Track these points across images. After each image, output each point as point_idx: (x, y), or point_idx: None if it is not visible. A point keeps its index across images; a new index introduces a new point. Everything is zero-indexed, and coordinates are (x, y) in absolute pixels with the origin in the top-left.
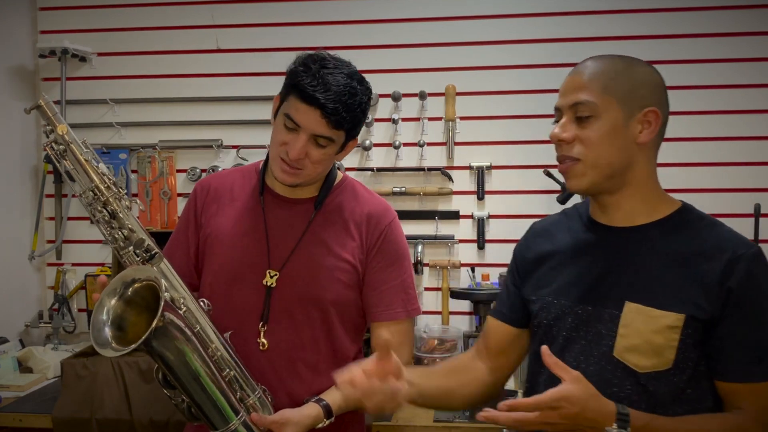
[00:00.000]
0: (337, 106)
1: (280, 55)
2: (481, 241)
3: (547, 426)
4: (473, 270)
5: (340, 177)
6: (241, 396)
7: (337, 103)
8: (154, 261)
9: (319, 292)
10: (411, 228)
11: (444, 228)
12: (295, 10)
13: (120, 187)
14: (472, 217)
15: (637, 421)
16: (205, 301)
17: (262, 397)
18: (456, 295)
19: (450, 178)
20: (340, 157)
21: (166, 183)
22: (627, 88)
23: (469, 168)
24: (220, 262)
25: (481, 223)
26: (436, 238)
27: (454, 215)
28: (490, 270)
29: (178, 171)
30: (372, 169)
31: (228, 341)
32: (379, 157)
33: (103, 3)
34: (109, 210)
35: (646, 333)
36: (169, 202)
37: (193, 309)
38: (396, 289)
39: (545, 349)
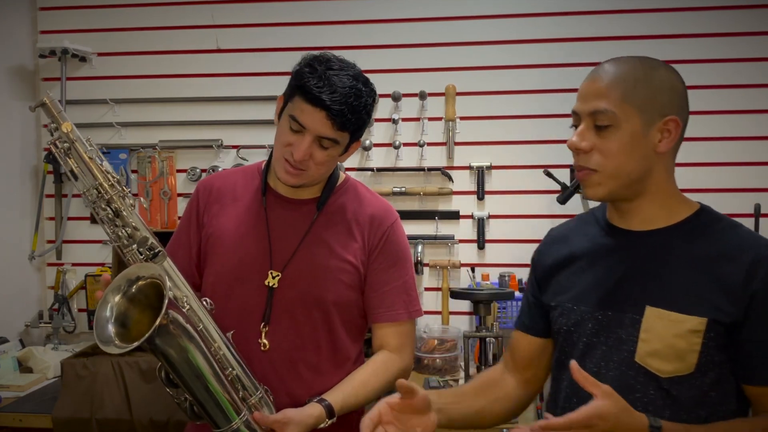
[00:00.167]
0: (343, 108)
1: (280, 55)
2: (481, 241)
3: None
4: (473, 270)
5: (343, 178)
6: (244, 395)
7: (342, 104)
8: (158, 259)
9: (321, 292)
10: (411, 228)
11: (444, 228)
12: (295, 10)
13: (124, 186)
14: (472, 217)
15: None
16: (207, 300)
17: (264, 396)
18: (456, 295)
19: (450, 178)
20: (344, 159)
21: (166, 183)
22: (647, 96)
23: (469, 168)
24: (222, 262)
25: (481, 223)
26: (436, 238)
27: (454, 215)
28: (490, 270)
29: (178, 171)
30: (372, 169)
31: (230, 340)
32: (379, 157)
33: (103, 3)
34: (113, 208)
35: (668, 337)
36: (169, 202)
37: (195, 308)
38: (398, 290)
39: (574, 364)
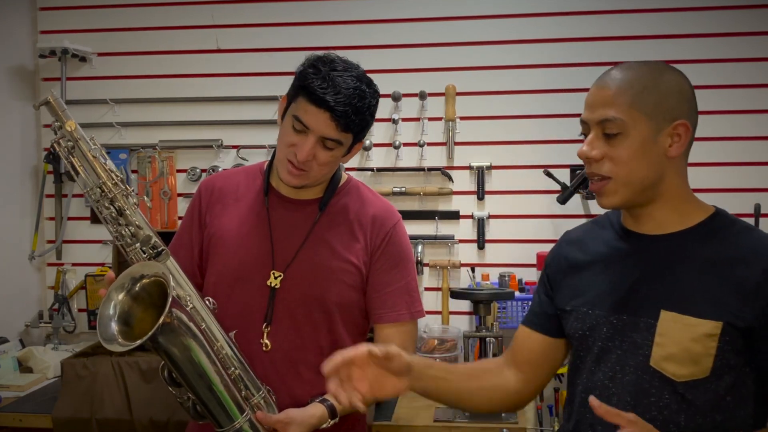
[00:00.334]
0: (347, 109)
1: (280, 55)
2: (481, 241)
3: None
4: (473, 270)
5: (345, 178)
6: (246, 395)
7: (346, 105)
8: (161, 258)
9: (323, 293)
10: (411, 228)
11: (444, 228)
12: (295, 10)
13: (127, 184)
14: (472, 217)
15: None
16: (210, 300)
17: (267, 396)
18: (456, 295)
19: (450, 178)
20: (346, 160)
21: (166, 183)
22: (655, 101)
23: (469, 168)
24: (224, 263)
25: (481, 223)
26: (436, 238)
27: (454, 215)
28: (490, 270)
29: (178, 171)
30: (372, 169)
31: (233, 340)
32: (379, 157)
33: (103, 3)
34: (117, 207)
35: (683, 341)
36: (169, 202)
37: (198, 307)
38: (400, 291)
39: (593, 400)
